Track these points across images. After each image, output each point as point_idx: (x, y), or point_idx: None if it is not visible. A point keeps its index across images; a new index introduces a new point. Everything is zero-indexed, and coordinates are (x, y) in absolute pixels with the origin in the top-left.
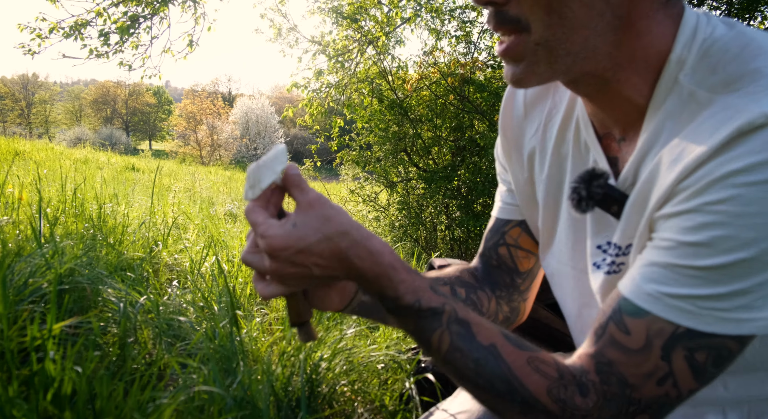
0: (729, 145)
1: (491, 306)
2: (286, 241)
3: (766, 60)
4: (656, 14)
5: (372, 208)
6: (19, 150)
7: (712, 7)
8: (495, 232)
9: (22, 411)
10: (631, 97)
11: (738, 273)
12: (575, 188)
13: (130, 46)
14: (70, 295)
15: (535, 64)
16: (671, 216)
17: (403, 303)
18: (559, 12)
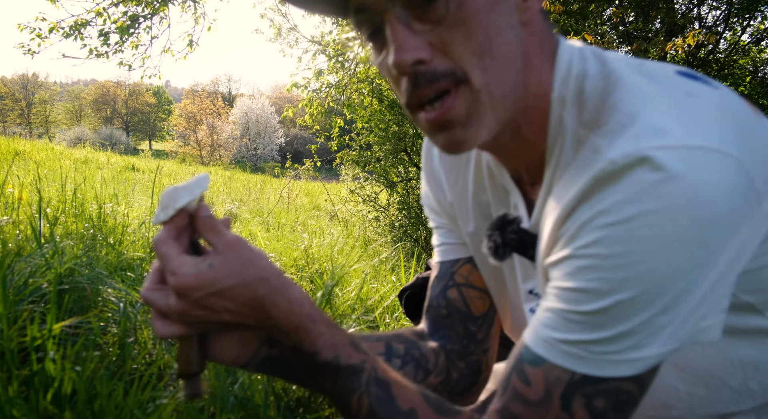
0: (590, 191)
1: (440, 362)
2: (200, 281)
3: (621, 92)
4: (542, 54)
5: (372, 208)
6: (19, 150)
7: (713, 7)
8: (441, 277)
9: (22, 411)
10: (535, 141)
11: (619, 315)
12: (489, 235)
13: (130, 46)
14: (70, 295)
15: (482, 114)
16: (555, 263)
17: (321, 359)
18: (489, 52)
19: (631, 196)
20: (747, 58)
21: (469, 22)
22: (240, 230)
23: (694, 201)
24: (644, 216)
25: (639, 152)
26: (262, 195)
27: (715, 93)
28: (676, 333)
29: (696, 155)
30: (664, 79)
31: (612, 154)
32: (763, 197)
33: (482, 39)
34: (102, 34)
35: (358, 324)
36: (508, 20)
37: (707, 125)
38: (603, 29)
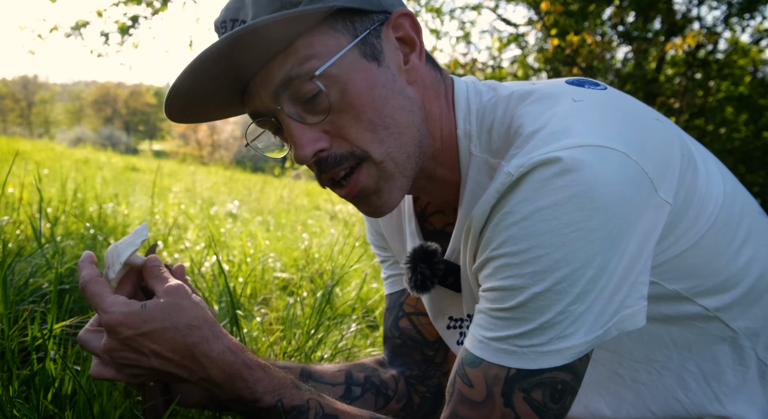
0: (497, 202)
1: (400, 388)
2: (129, 319)
3: (519, 118)
4: (439, 100)
5: None
6: (20, 150)
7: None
8: (391, 308)
9: (22, 410)
10: (446, 177)
11: (537, 307)
12: (414, 268)
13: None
14: (71, 295)
15: (391, 180)
16: (478, 269)
17: (264, 405)
18: (382, 125)
19: (527, 195)
20: (747, 58)
21: (354, 105)
22: (240, 231)
23: (581, 193)
24: (540, 212)
25: (530, 160)
26: (263, 195)
27: (601, 94)
28: (598, 320)
29: (582, 152)
30: (554, 93)
31: (509, 167)
32: (658, 186)
33: (372, 115)
34: (102, 35)
35: (358, 323)
36: (393, 87)
37: (591, 125)
38: (603, 29)
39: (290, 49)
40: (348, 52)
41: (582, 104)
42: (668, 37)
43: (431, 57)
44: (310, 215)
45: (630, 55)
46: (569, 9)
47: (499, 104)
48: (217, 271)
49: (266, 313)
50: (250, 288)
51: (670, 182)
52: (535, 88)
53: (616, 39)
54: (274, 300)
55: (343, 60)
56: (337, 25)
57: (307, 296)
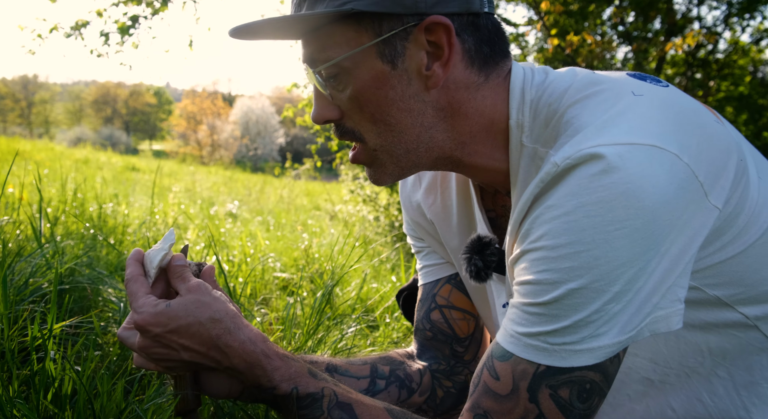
0: (540, 192)
1: (425, 382)
2: (156, 318)
3: (573, 109)
4: (478, 93)
5: (372, 208)
6: (20, 150)
7: (712, 7)
8: (425, 300)
9: (22, 410)
10: (491, 165)
11: (573, 304)
12: (469, 259)
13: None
14: (71, 295)
15: (383, 165)
16: (514, 260)
17: (281, 393)
18: (383, 121)
19: (572, 190)
20: (747, 58)
21: (359, 99)
22: (240, 231)
23: (628, 192)
24: (583, 207)
25: (579, 152)
26: (263, 195)
27: (662, 91)
28: (631, 320)
29: (632, 150)
30: (615, 85)
31: (555, 158)
32: (708, 191)
33: (373, 110)
34: (102, 35)
35: (358, 323)
36: (404, 91)
37: (649, 122)
38: (603, 29)
39: (319, 34)
40: (364, 51)
41: (641, 99)
42: (668, 37)
43: (482, 50)
44: (310, 215)
45: (630, 55)
46: (569, 9)
47: (557, 94)
48: (217, 271)
49: (266, 313)
50: (250, 288)
51: (722, 188)
52: (597, 78)
53: (616, 39)
54: (274, 300)
55: (357, 56)
56: (363, 21)
57: (307, 296)
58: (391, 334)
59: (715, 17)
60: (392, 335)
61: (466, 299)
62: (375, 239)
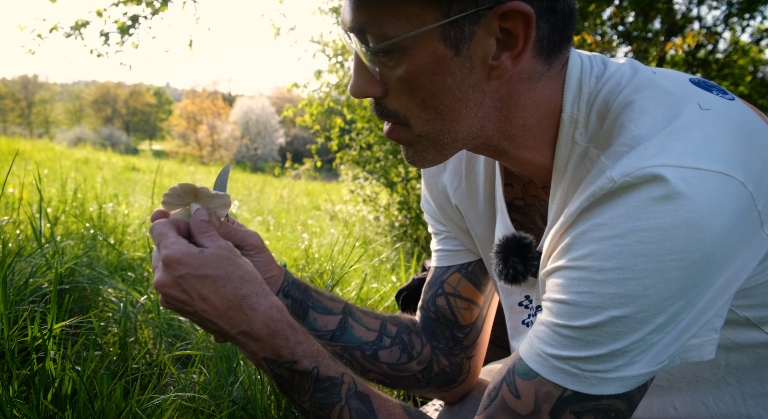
0: (590, 206)
1: (424, 352)
2: (187, 258)
3: (632, 112)
4: (537, 84)
5: (372, 208)
6: (20, 150)
7: (712, 7)
8: (433, 283)
9: (22, 410)
10: (534, 159)
11: (612, 333)
12: (505, 260)
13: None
14: (71, 295)
15: (423, 151)
16: (551, 273)
17: (300, 368)
18: (434, 108)
19: (629, 211)
20: (747, 58)
21: (411, 81)
22: None
23: (691, 221)
24: (639, 232)
25: (640, 171)
26: (263, 195)
27: (729, 106)
28: (667, 350)
29: (699, 176)
30: (679, 93)
31: (613, 173)
32: (765, 220)
33: (426, 96)
34: (102, 34)
35: None
36: (464, 79)
37: (716, 144)
38: (603, 29)
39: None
40: (427, 32)
41: (708, 115)
42: (668, 37)
43: (554, 38)
44: (310, 215)
45: (630, 55)
46: None
47: (616, 90)
48: None
49: None
50: None
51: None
52: (658, 80)
53: (616, 39)
54: None
55: (417, 36)
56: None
57: None
58: None
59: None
60: None
61: (473, 290)
62: (375, 239)
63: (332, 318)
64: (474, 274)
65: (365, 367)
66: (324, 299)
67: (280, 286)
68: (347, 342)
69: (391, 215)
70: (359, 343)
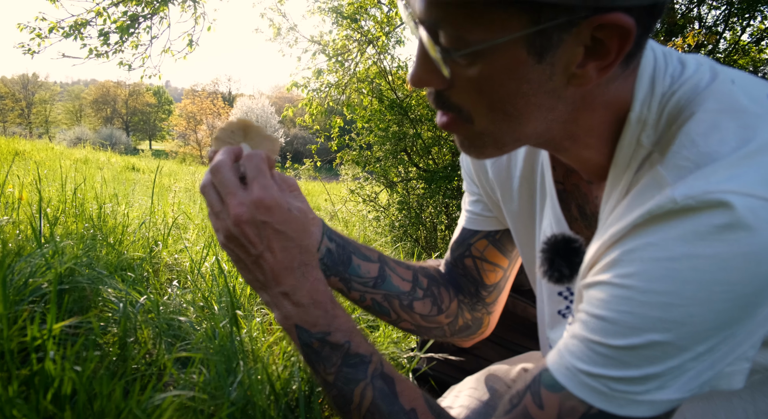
0: (645, 223)
1: (452, 306)
2: (278, 209)
3: (703, 124)
4: (611, 86)
5: (372, 208)
6: (19, 150)
7: (712, 7)
8: (461, 243)
9: (22, 411)
10: (591, 158)
11: (649, 356)
12: (551, 261)
13: (130, 46)
14: (70, 295)
15: (483, 147)
16: (589, 286)
17: (333, 340)
18: (503, 110)
19: (686, 236)
20: (747, 58)
21: (483, 83)
22: None
23: (751, 254)
24: (694, 258)
25: (705, 195)
26: None
27: None
28: (699, 377)
29: (765, 206)
30: (755, 109)
31: (676, 193)
32: None
33: (497, 99)
34: (102, 34)
35: (358, 323)
36: (541, 85)
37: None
38: None
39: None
40: (510, 41)
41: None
42: (668, 37)
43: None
44: None
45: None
46: None
47: (690, 93)
48: (217, 271)
49: (266, 313)
50: (250, 288)
51: None
52: (736, 91)
53: None
54: None
55: (498, 45)
56: (518, 2)
57: None
58: (391, 334)
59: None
60: (392, 335)
61: (499, 255)
62: (375, 239)
63: (372, 265)
64: (501, 242)
65: (401, 316)
66: (361, 247)
67: (323, 228)
68: (387, 290)
69: (391, 215)
70: (398, 292)
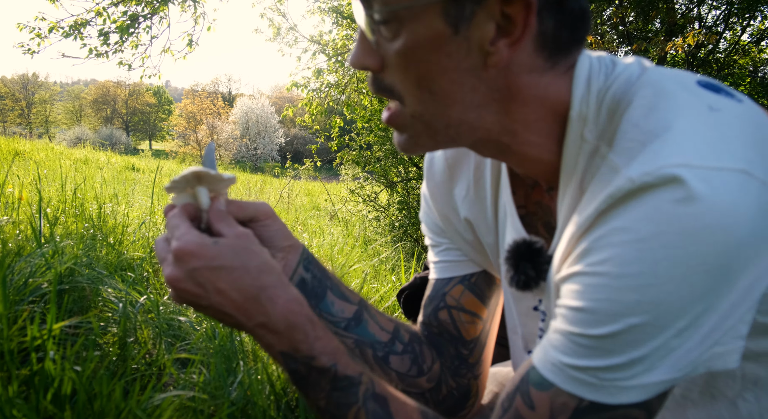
0: (608, 209)
1: (435, 369)
2: (201, 250)
3: (642, 108)
4: (541, 80)
5: (372, 208)
6: (19, 150)
7: (712, 7)
8: (433, 297)
9: (22, 411)
10: (540, 157)
11: (631, 341)
12: (516, 266)
13: (129, 46)
14: (70, 295)
15: (416, 136)
16: (566, 278)
17: (318, 365)
18: (428, 88)
19: (650, 215)
20: (747, 58)
21: (408, 55)
22: None
23: (716, 225)
24: (662, 235)
25: (659, 171)
26: (262, 195)
27: (740, 107)
28: (688, 355)
29: (720, 176)
30: (686, 92)
31: (631, 172)
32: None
33: (421, 74)
34: (102, 34)
35: None
36: (460, 62)
37: (732, 143)
38: (603, 29)
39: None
40: (428, 6)
41: (720, 115)
42: (668, 37)
43: (561, 35)
44: (310, 215)
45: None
46: None
47: (626, 86)
48: None
49: None
50: None
51: None
52: (665, 79)
53: (616, 39)
54: None
55: (418, 8)
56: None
57: None
58: None
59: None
60: None
61: (477, 302)
62: (375, 239)
63: (349, 306)
64: (477, 286)
65: (373, 370)
66: (341, 285)
67: (300, 257)
68: (361, 336)
69: (391, 215)
70: (372, 340)
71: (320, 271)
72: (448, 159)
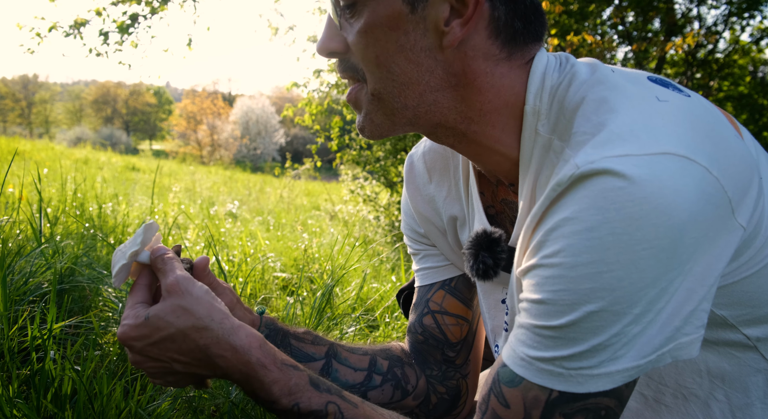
0: (556, 198)
1: (420, 385)
2: (137, 331)
3: (592, 102)
4: (496, 69)
5: (372, 208)
6: (20, 150)
7: (712, 7)
8: (417, 304)
9: (22, 410)
10: (498, 149)
11: (591, 328)
12: (476, 255)
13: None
14: (70, 295)
15: (373, 113)
16: (525, 272)
17: (280, 407)
18: (387, 67)
19: (596, 202)
20: (747, 58)
21: (368, 34)
22: (240, 230)
23: (659, 208)
24: (609, 223)
25: (602, 160)
26: (262, 195)
27: (687, 100)
28: (651, 342)
29: (661, 160)
30: (635, 85)
31: (577, 159)
32: (736, 208)
33: (379, 52)
34: (102, 34)
35: (358, 323)
36: (419, 42)
37: (675, 131)
38: (603, 29)
39: None
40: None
41: (666, 106)
42: (668, 37)
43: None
44: (310, 215)
45: (630, 55)
46: (569, 9)
47: (578, 82)
48: (217, 271)
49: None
50: (250, 288)
51: (747, 206)
52: (616, 76)
53: (616, 39)
54: (274, 300)
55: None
56: None
57: (307, 296)
58: (390, 334)
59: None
60: (392, 334)
61: (459, 305)
62: (375, 239)
63: (314, 364)
64: (458, 289)
65: None
66: (305, 345)
67: (260, 322)
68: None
69: (391, 215)
70: (346, 386)
71: (279, 340)
72: (427, 162)
